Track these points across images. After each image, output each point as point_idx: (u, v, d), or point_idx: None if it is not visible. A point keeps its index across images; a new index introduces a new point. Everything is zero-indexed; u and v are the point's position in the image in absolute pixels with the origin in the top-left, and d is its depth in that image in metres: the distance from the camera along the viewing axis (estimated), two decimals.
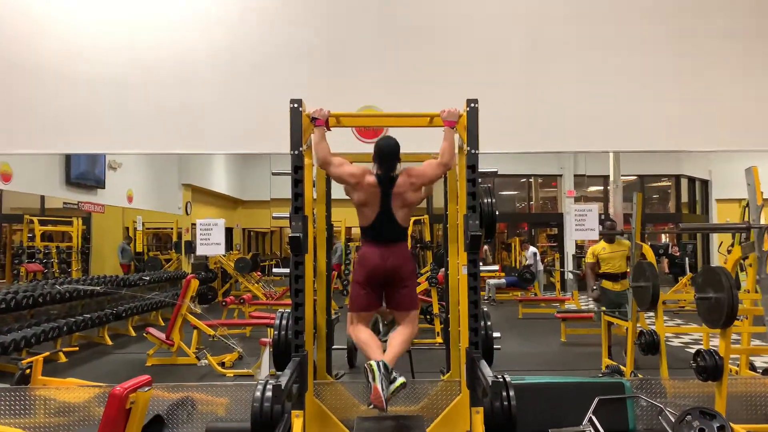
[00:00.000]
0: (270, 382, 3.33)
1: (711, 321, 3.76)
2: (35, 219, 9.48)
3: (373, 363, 3.01)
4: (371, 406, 3.01)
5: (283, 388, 2.80)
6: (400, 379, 3.03)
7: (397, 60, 4.97)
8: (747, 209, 11.82)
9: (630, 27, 5.06)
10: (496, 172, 3.84)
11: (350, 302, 3.50)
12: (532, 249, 14.06)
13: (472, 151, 3.41)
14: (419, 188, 3.39)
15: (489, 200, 3.78)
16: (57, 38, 4.97)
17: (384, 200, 3.32)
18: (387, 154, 3.34)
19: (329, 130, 3.54)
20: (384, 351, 3.27)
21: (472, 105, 3.43)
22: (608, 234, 6.18)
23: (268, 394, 3.34)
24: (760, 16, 5.14)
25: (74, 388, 4.46)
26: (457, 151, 3.54)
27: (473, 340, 3.41)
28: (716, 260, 16.00)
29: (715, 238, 16.24)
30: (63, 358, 7.07)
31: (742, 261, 5.39)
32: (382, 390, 2.94)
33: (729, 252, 12.64)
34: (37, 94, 4.95)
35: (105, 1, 5.01)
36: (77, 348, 7.32)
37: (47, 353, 5.07)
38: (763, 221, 3.37)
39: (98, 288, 7.61)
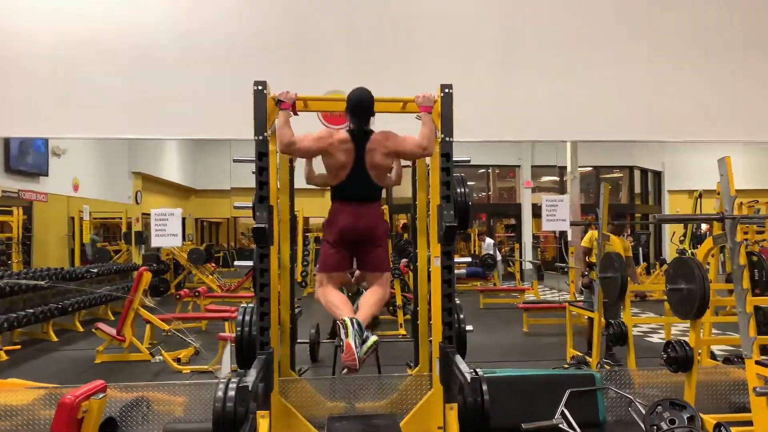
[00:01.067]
0: (233, 380, 3.13)
1: (682, 312, 3.75)
2: None
3: (347, 319, 2.83)
4: (344, 371, 2.81)
5: (250, 388, 2.62)
6: (373, 338, 2.83)
7: (367, 46, 4.80)
8: (699, 200, 12.16)
9: (593, 19, 5.04)
10: (469, 160, 3.72)
11: (320, 263, 3.31)
12: (489, 240, 14.16)
13: (447, 139, 3.29)
14: (390, 154, 3.21)
15: (462, 190, 3.65)
16: None
17: (357, 156, 3.14)
18: (360, 104, 3.16)
19: (296, 114, 3.34)
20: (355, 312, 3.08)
21: (446, 91, 3.31)
22: (616, 227, 5.98)
23: (231, 393, 3.13)
24: (722, 10, 5.19)
25: (16, 390, 4.13)
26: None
27: (447, 334, 3.30)
28: (668, 250, 16.46)
29: (668, 229, 16.69)
30: (3, 357, 6.64)
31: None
32: (356, 347, 2.75)
33: (681, 242, 13.00)
34: None
35: None
36: (19, 346, 6.87)
37: None
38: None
39: (43, 282, 7.17)
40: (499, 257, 13.68)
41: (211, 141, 15.43)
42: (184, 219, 18.78)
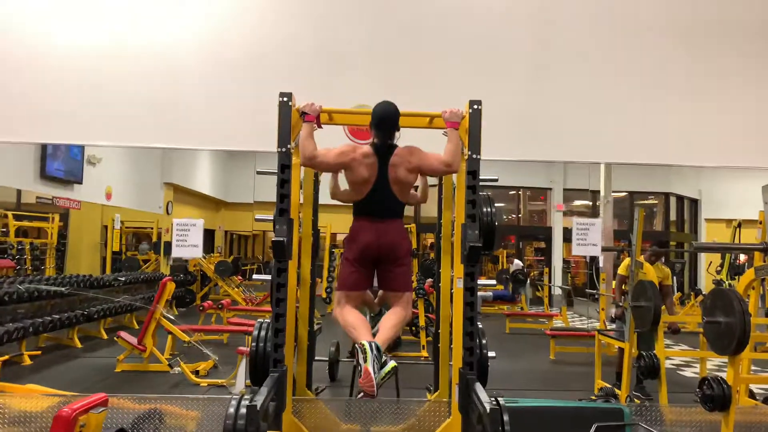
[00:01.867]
0: (245, 397, 3.04)
1: (720, 347, 3.53)
2: (9, 213, 9.08)
3: (365, 343, 2.72)
4: (360, 395, 2.70)
5: (258, 408, 2.52)
6: (391, 363, 2.72)
7: (394, 60, 4.74)
8: (738, 230, 11.73)
9: (629, 38, 4.89)
10: (497, 179, 3.59)
11: (339, 281, 3.21)
12: (517, 262, 13.89)
13: (474, 156, 3.17)
14: (414, 170, 3.11)
15: (489, 209, 3.52)
16: (32, 25, 4.69)
17: (381, 171, 3.05)
18: (385, 118, 3.08)
19: (320, 127, 3.27)
20: (374, 335, 2.97)
21: (475, 107, 3.19)
22: (653, 255, 5.70)
23: (243, 411, 3.04)
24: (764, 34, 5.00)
25: (33, 396, 4.11)
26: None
27: (468, 360, 3.15)
28: (704, 280, 15.92)
29: (704, 259, 16.17)
30: (27, 361, 6.69)
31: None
32: (374, 372, 2.64)
33: (718, 272, 12.55)
34: (9, 80, 4.66)
35: None
36: (39, 352, 6.91)
37: (6, 356, 4.72)
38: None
39: (63, 289, 7.22)
40: (527, 281, 13.39)
41: (243, 154, 15.61)
42: (213, 231, 18.98)
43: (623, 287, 6.06)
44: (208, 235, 18.93)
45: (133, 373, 6.45)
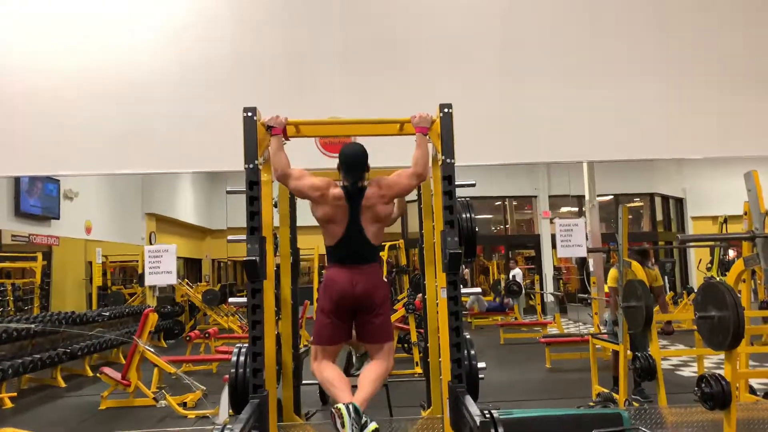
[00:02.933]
0: (228, 427, 2.89)
1: (715, 342, 3.43)
2: None
3: (341, 407, 2.57)
4: None
5: None
6: (372, 425, 2.57)
7: (364, 71, 4.67)
8: (724, 225, 11.70)
9: (604, 31, 4.86)
10: (474, 184, 3.49)
11: (314, 334, 3.07)
12: (518, 270, 13.70)
13: (448, 161, 3.08)
14: (390, 201, 3.02)
15: (468, 215, 3.42)
16: None
17: (352, 214, 2.94)
18: (353, 161, 2.97)
19: (288, 140, 3.18)
20: (353, 390, 2.83)
21: (446, 110, 3.11)
22: (642, 257, 5.46)
23: None
24: (739, 23, 5.00)
25: None
26: (431, 162, 3.21)
27: (456, 372, 3.03)
28: (695, 279, 15.90)
29: (693, 257, 16.16)
30: (8, 404, 6.45)
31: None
32: None
33: (708, 269, 12.52)
34: None
35: (46, 12, 4.63)
36: (15, 394, 6.68)
37: None
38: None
39: (33, 326, 7.01)
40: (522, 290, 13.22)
41: (223, 179, 15.46)
42: (200, 260, 18.73)
43: (615, 300, 5.87)
44: (195, 264, 18.68)
45: (118, 410, 6.23)
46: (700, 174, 17.40)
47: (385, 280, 3.15)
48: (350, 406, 2.57)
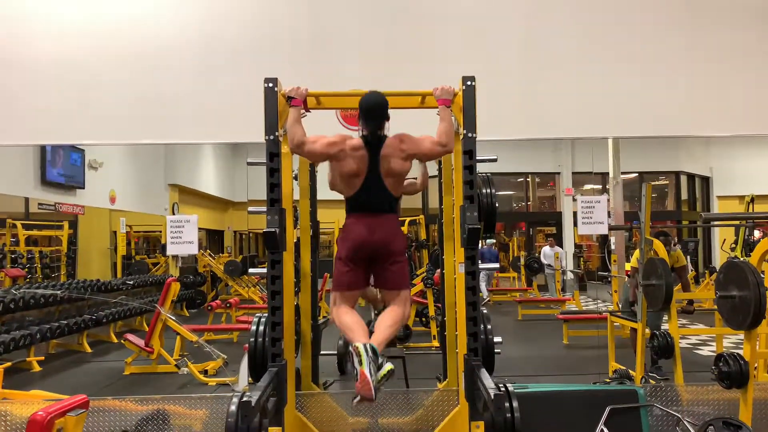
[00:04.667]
0: (247, 394, 2.97)
1: (735, 322, 3.41)
2: (18, 223, 9.07)
3: (360, 345, 2.63)
4: (356, 399, 2.61)
5: (253, 404, 2.43)
6: (388, 365, 2.63)
7: (386, 44, 4.63)
8: (751, 205, 11.47)
9: (633, 9, 4.74)
10: (495, 159, 3.47)
11: (333, 280, 3.10)
12: (555, 249, 13.38)
13: (469, 135, 3.06)
14: (408, 158, 3.00)
15: (488, 190, 3.41)
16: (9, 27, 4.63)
17: (371, 163, 2.94)
18: (373, 108, 2.96)
19: (308, 111, 3.19)
20: (370, 335, 2.87)
21: (468, 83, 3.08)
22: (664, 240, 5.22)
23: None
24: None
25: (36, 402, 4.05)
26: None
27: (472, 346, 3.06)
28: (718, 259, 15.68)
29: (717, 236, 15.91)
30: (36, 368, 6.67)
31: None
32: (370, 376, 2.54)
33: (732, 249, 12.33)
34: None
35: None
36: (42, 358, 6.89)
37: (8, 364, 4.68)
38: None
39: (59, 292, 7.18)
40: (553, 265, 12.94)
41: (245, 151, 15.54)
42: (222, 232, 18.94)
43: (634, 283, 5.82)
44: (217, 235, 18.90)
45: (141, 375, 6.41)
46: (727, 152, 17.02)
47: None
48: (368, 346, 2.63)
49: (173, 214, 13.43)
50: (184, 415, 4.09)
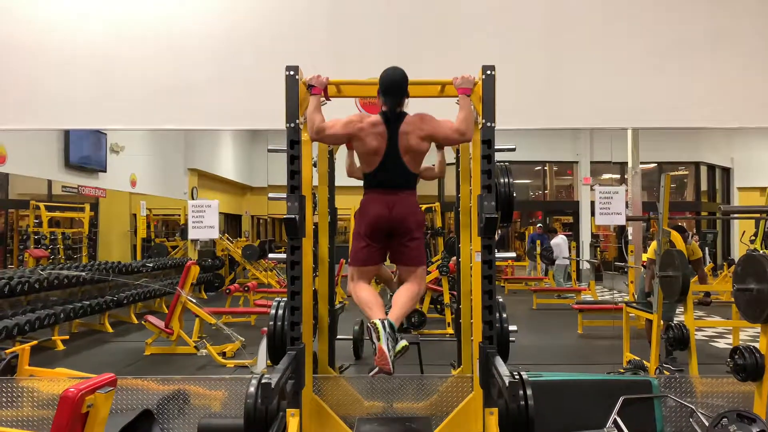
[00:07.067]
0: (266, 377, 3.04)
1: (752, 315, 3.39)
2: (41, 204, 9.26)
3: (377, 321, 2.71)
4: (374, 371, 2.72)
5: (273, 386, 2.49)
6: (403, 342, 2.74)
7: (406, 34, 4.63)
8: None
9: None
10: (514, 148, 3.48)
11: (351, 256, 3.16)
12: (560, 238, 13.39)
13: (488, 124, 3.07)
14: (426, 138, 3.02)
15: (506, 180, 3.43)
16: (33, 12, 4.69)
17: (390, 139, 2.96)
18: (393, 84, 2.99)
19: (328, 99, 3.22)
20: (387, 312, 2.94)
21: (488, 72, 3.08)
22: (681, 233, 5.45)
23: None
24: None
25: (62, 379, 4.18)
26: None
27: (487, 333, 3.09)
28: (737, 251, 15.52)
29: (737, 228, 15.73)
30: (60, 346, 6.84)
31: None
32: (388, 350, 2.65)
33: (752, 242, 12.19)
34: (21, 67, 4.68)
35: None
36: (67, 337, 7.07)
37: (34, 342, 4.81)
38: None
39: (83, 273, 7.33)
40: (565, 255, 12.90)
41: (264, 137, 15.63)
42: (240, 216, 19.11)
43: (651, 273, 5.83)
44: (235, 220, 19.08)
45: (161, 356, 6.55)
46: (750, 143, 16.77)
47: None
48: (385, 322, 2.72)
49: (192, 198, 13.58)
50: (203, 395, 4.18)
